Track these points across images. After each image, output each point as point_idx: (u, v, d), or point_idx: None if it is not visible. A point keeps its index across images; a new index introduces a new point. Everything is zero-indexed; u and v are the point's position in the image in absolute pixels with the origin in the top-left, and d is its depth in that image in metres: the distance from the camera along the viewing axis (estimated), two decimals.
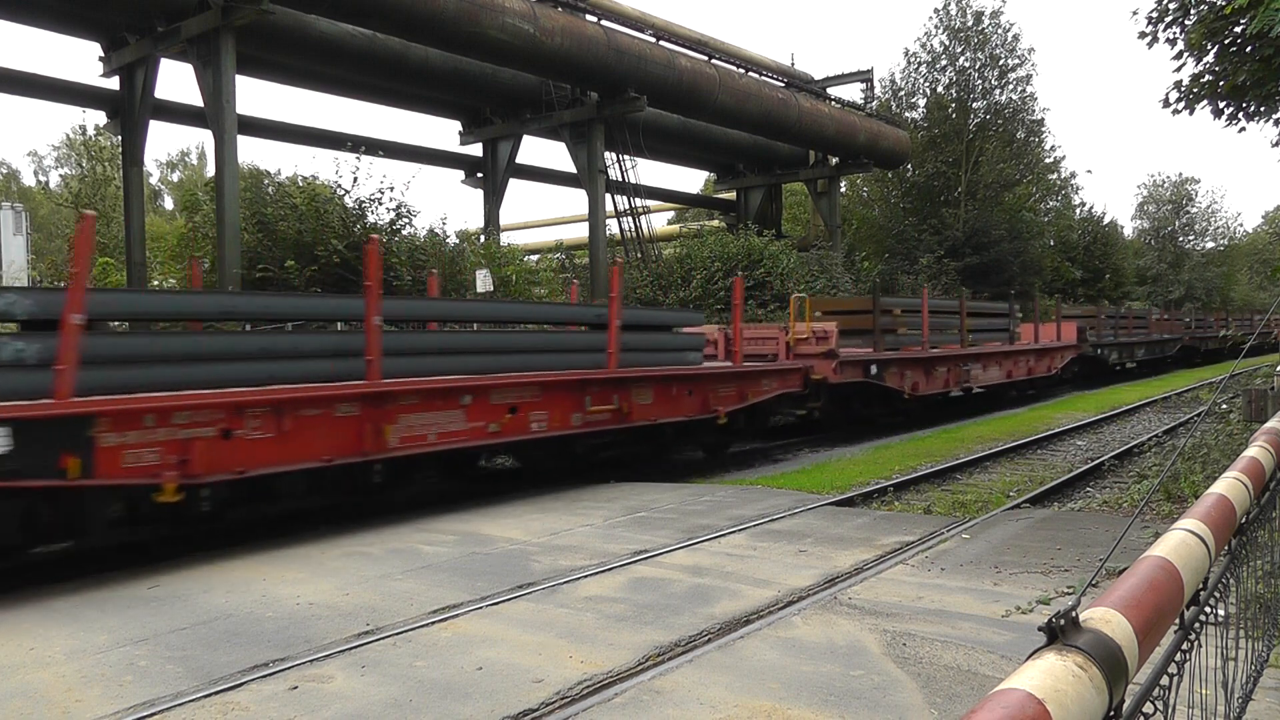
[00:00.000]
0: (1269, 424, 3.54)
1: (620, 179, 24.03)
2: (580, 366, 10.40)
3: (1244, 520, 2.44)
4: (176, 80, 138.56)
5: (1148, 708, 1.52)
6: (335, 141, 20.70)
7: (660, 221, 41.28)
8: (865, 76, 33.38)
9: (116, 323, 9.66)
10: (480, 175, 25.23)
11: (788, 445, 15.46)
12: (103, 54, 17.53)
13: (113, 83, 18.12)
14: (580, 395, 10.12)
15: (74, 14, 16.74)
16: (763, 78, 26.90)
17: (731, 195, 34.99)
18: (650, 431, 11.41)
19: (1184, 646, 1.81)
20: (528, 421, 9.52)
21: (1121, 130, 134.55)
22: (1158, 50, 25.24)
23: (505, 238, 25.51)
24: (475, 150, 25.09)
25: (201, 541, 7.59)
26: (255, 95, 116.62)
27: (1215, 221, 69.05)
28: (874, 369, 15.82)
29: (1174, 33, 12.96)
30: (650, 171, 75.73)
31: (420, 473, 9.78)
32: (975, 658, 4.57)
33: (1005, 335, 22.32)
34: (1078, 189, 62.19)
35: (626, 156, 24.11)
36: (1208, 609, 2.03)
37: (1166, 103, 13.24)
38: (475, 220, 38.41)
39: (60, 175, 52.40)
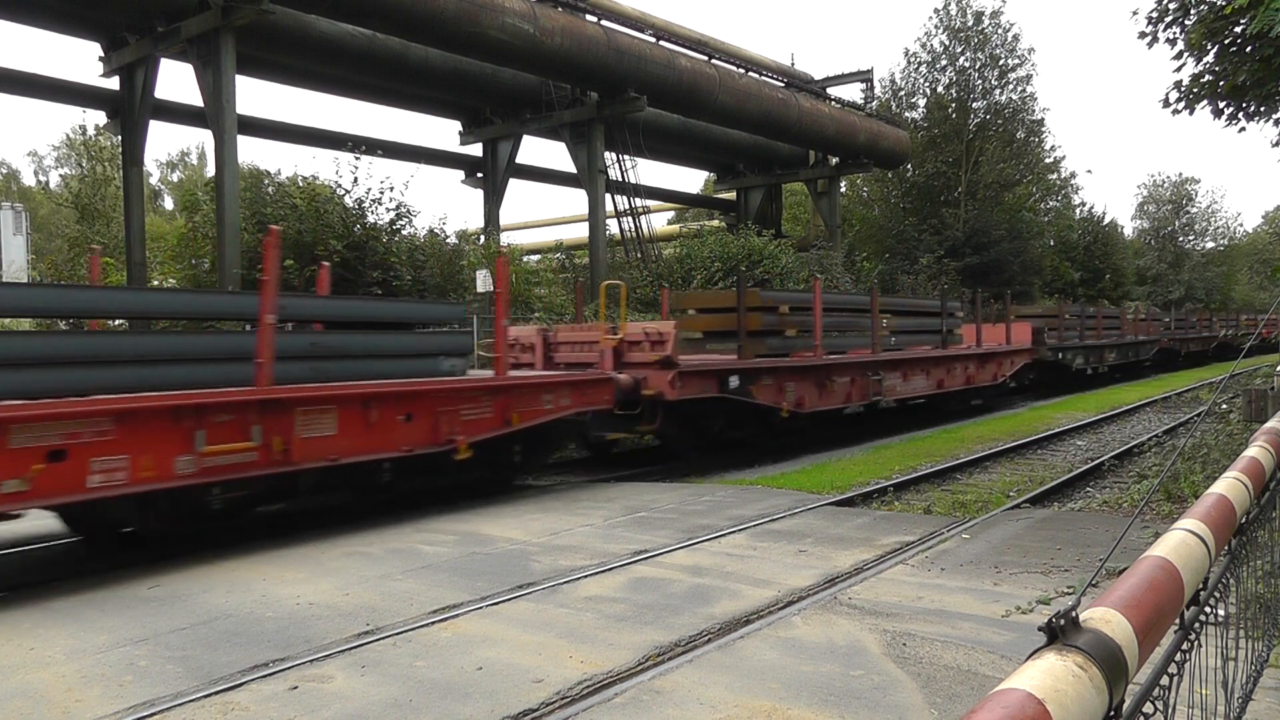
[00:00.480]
0: (1269, 424, 3.54)
1: (620, 179, 24.02)
2: (211, 382, 7.36)
3: (1244, 520, 2.44)
4: (176, 80, 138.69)
5: (1148, 708, 1.52)
6: (335, 141, 20.71)
7: (660, 221, 41.31)
8: (865, 76, 33.39)
9: None
10: (480, 175, 25.23)
11: (597, 483, 11.24)
12: (103, 54, 17.54)
13: (113, 83, 18.13)
14: (190, 427, 6.84)
15: (74, 14, 16.75)
16: (763, 78, 26.91)
17: (731, 195, 35.00)
18: (345, 473, 8.24)
19: (1184, 646, 1.81)
20: (84, 472, 6.27)
21: (1121, 130, 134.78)
22: (1158, 50, 25.22)
23: (505, 238, 25.53)
24: (475, 150, 25.10)
25: (201, 541, 7.59)
26: (255, 95, 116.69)
27: (1215, 221, 69.24)
28: (734, 381, 12.59)
29: (1174, 33, 12.96)
30: (650, 171, 75.85)
31: None
32: (975, 658, 4.57)
33: (937, 338, 18.98)
34: (1078, 189, 62.37)
35: (626, 156, 24.11)
36: (1208, 609, 2.03)
37: (1166, 103, 13.25)
38: (475, 220, 38.43)
39: (60, 175, 52.48)
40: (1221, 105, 12.90)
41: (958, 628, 5.06)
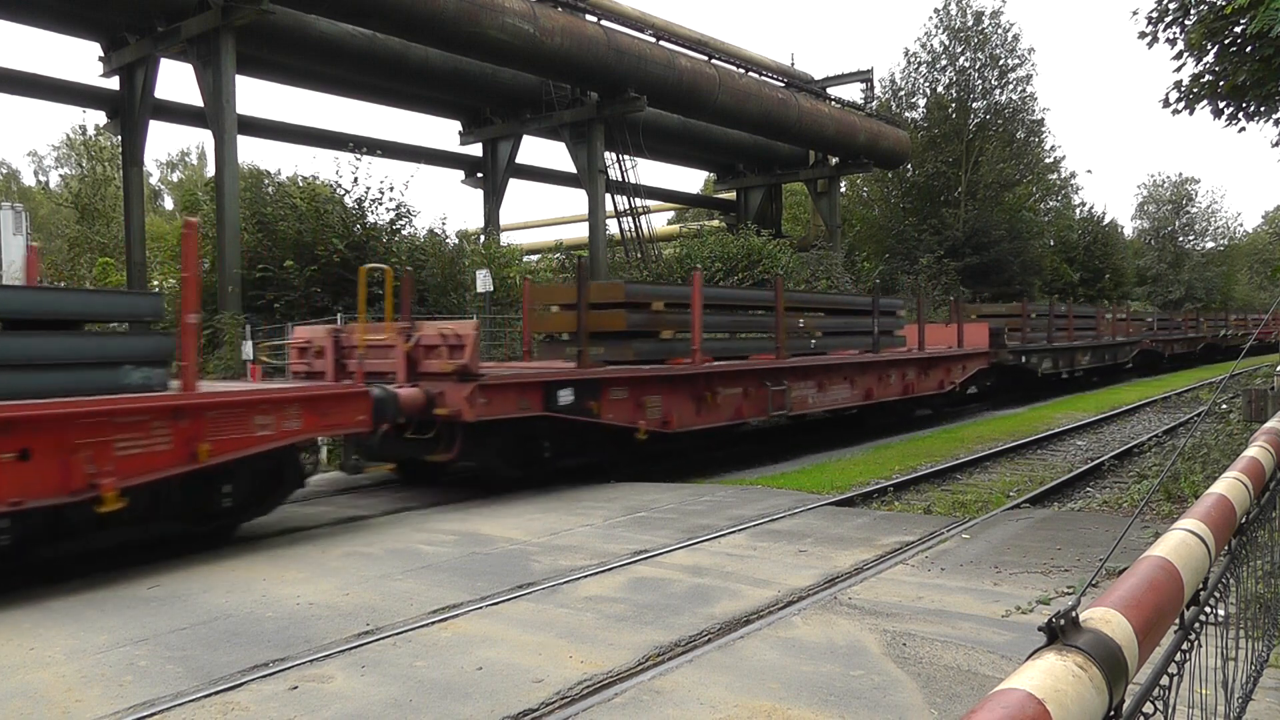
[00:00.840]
0: (1269, 424, 3.54)
1: (620, 179, 24.04)
2: None
3: (1244, 520, 2.44)
4: (176, 80, 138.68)
5: (1148, 708, 1.52)
6: (335, 141, 20.74)
7: (660, 221, 41.32)
8: (865, 76, 33.41)
9: None
10: (480, 175, 25.26)
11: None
12: (103, 54, 17.56)
13: (113, 83, 18.15)
14: None
15: (74, 14, 16.77)
16: (763, 78, 26.92)
17: (731, 195, 35.03)
18: None
19: (1184, 646, 1.81)
20: None
21: (1121, 130, 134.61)
22: (1158, 50, 25.16)
23: (505, 238, 25.55)
24: (475, 150, 25.12)
25: (201, 542, 7.58)
26: (255, 95, 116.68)
27: (1215, 221, 69.20)
28: (566, 396, 10.17)
29: (1174, 33, 12.96)
30: (650, 171, 75.71)
31: None
32: (975, 658, 4.57)
33: (867, 340, 16.24)
34: (1078, 189, 62.36)
35: (626, 156, 24.13)
36: (1208, 609, 2.03)
37: (1166, 103, 13.25)
38: (475, 220, 38.47)
39: (60, 175, 52.48)
40: (1221, 105, 12.91)
41: (958, 628, 5.06)
